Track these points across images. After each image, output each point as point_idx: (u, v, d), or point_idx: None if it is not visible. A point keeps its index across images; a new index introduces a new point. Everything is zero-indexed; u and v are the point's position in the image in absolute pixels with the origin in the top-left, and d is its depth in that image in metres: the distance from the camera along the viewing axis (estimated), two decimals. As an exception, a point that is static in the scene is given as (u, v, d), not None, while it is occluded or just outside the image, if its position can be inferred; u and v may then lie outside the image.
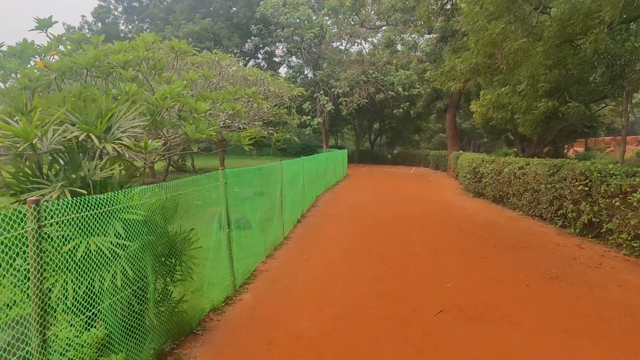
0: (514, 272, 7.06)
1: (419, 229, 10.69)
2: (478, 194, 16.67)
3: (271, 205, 9.46)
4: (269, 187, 9.80)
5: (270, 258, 8.01)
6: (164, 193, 4.41)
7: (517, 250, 8.54)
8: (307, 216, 12.71)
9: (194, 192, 5.24)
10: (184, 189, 4.92)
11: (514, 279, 6.71)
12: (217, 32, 39.40)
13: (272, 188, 10.04)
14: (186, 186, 5.02)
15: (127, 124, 4.46)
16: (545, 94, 14.50)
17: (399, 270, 7.23)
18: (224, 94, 11.60)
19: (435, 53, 23.02)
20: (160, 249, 4.32)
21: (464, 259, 7.92)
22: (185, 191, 4.94)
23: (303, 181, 12.87)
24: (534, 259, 7.85)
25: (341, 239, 9.61)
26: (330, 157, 21.51)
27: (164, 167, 22.88)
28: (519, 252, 8.41)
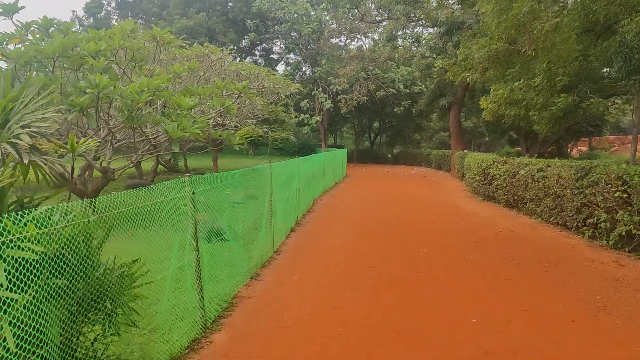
0: (550, 300, 5.79)
1: (429, 240, 9.41)
2: (488, 197, 15.40)
3: (258, 215, 8.19)
4: (255, 193, 8.54)
5: (255, 279, 6.73)
6: (90, 214, 3.12)
7: (546, 268, 7.27)
8: (302, 223, 11.43)
9: (146, 209, 3.95)
10: (128, 206, 3.64)
11: (552, 311, 5.44)
12: (211, 28, 38.07)
13: (259, 194, 8.79)
14: (133, 201, 3.74)
15: (31, 116, 3.16)
16: (563, 89, 13.27)
17: (411, 298, 5.95)
18: (211, 89, 10.30)
19: (440, 47, 21.75)
20: (83, 293, 3.04)
21: (486, 281, 6.64)
22: (129, 209, 3.65)
23: (298, 184, 11.60)
24: (569, 281, 6.58)
25: (340, 254, 8.33)
26: (329, 157, 20.23)
27: (152, 167, 21.60)
28: (549, 271, 7.14)
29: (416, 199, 16.26)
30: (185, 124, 7.83)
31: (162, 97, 8.63)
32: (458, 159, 24.88)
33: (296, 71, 41.26)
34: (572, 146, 51.51)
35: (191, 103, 8.32)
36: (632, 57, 12.14)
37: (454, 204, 15.03)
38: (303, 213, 12.63)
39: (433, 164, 36.15)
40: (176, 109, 8.47)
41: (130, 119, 7.64)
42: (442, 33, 21.22)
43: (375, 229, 10.68)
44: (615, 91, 20.14)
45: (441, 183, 23.08)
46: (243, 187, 7.63)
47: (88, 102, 6.60)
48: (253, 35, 36.92)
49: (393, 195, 17.53)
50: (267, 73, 20.15)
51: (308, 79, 39.32)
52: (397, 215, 12.68)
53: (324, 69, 35.67)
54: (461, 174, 24.29)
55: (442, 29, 21.11)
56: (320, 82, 36.36)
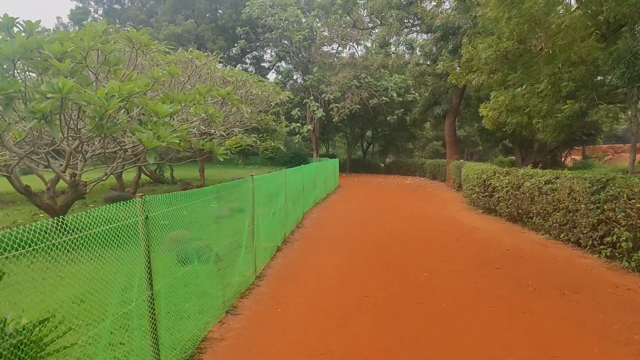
0: (580, 342, 4.85)
1: (429, 260, 8.47)
2: (489, 210, 14.53)
3: (238, 235, 7.22)
4: (241, 206, 7.59)
5: (231, 313, 5.74)
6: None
7: (567, 297, 6.35)
8: (290, 241, 10.45)
9: (68, 244, 2.96)
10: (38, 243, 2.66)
11: (586, 355, 4.51)
12: (200, 35, 37.19)
13: (246, 207, 7.85)
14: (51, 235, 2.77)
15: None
16: (568, 95, 12.46)
17: (415, 338, 4.99)
18: (193, 95, 9.34)
19: (435, 53, 20.98)
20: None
21: (500, 314, 5.70)
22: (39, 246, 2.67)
23: (285, 198, 10.64)
24: (596, 314, 5.66)
25: (331, 279, 7.36)
26: (320, 167, 19.30)
27: (134, 179, 20.54)
28: (570, 300, 6.21)
29: (412, 212, 15.34)
30: (162, 132, 6.89)
31: (138, 104, 7.70)
32: (454, 168, 24.06)
33: (287, 79, 40.46)
34: (565, 155, 51.14)
35: (169, 110, 7.37)
36: (635, 63, 11.40)
37: (452, 217, 14.12)
38: (291, 229, 11.67)
39: (427, 173, 35.35)
40: (153, 117, 7.56)
41: (100, 127, 6.70)
42: (438, 38, 20.47)
43: (370, 247, 9.72)
44: (612, 99, 19.48)
45: (437, 194, 22.21)
46: (221, 202, 6.67)
47: (50, 109, 5.69)
48: (243, 43, 36.08)
49: (388, 208, 16.61)
50: (255, 80, 19.23)
51: (299, 88, 38.52)
52: (393, 231, 11.75)
53: (315, 77, 34.88)
54: (457, 184, 23.46)
55: (438, 34, 20.36)
56: (312, 91, 35.55)
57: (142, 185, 26.41)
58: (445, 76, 26.09)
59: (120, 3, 47.22)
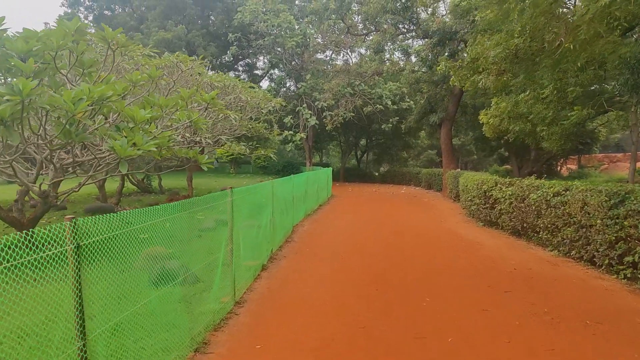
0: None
1: (430, 282, 7.62)
2: (490, 223, 13.72)
3: (217, 256, 6.36)
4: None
5: (200, 352, 4.85)
6: None
7: (591, 329, 5.51)
8: (277, 258, 9.57)
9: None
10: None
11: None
12: (191, 41, 36.41)
13: (223, 228, 7.01)
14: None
15: None
16: (574, 102, 11.73)
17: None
18: (175, 100, 8.46)
19: (431, 59, 20.29)
20: None
21: (520, 353, 4.85)
22: None
23: (273, 212, 9.77)
24: (630, 352, 4.83)
25: (321, 304, 6.48)
26: (312, 177, 18.45)
27: (117, 189, 19.57)
28: (596, 333, 5.38)
29: (410, 225, 14.51)
30: (138, 139, 6.05)
31: (115, 110, 6.86)
32: (451, 178, 23.32)
33: (280, 87, 39.73)
34: (561, 164, 50.70)
35: (146, 116, 6.54)
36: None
37: (452, 231, 13.30)
38: (280, 244, 10.79)
39: (423, 183, 34.60)
40: (129, 122, 6.74)
41: (67, 134, 5.86)
42: (434, 44, 19.79)
43: (365, 266, 8.86)
44: (610, 107, 18.83)
45: (434, 205, 21.41)
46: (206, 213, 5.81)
47: (10, 113, 4.87)
48: (234, 49, 35.31)
49: (383, 220, 15.76)
50: (245, 86, 18.41)
51: (292, 95, 37.77)
52: (390, 247, 10.89)
53: (308, 85, 34.15)
54: (454, 195, 22.70)
55: (434, 39, 19.69)
56: (305, 98, 34.80)
57: (128, 195, 25.50)
58: (442, 83, 25.45)
59: (111, 9, 46.46)
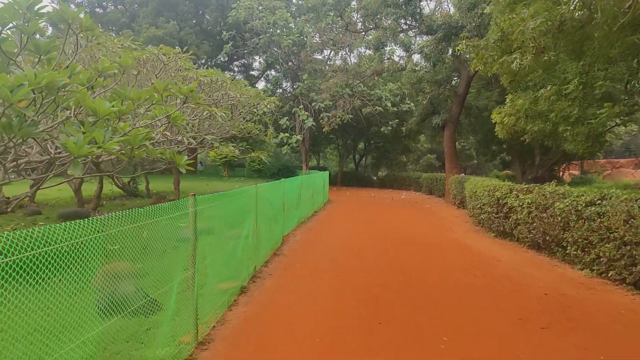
0: None
1: (448, 314, 6.16)
2: (503, 234, 12.31)
3: (187, 275, 4.94)
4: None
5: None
6: None
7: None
8: (261, 276, 8.13)
9: None
10: None
11: None
12: (183, 39, 35.00)
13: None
14: None
15: None
16: (604, 98, 10.35)
17: None
18: (148, 92, 6.95)
19: (436, 55, 18.92)
20: None
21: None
22: None
23: (256, 222, 8.34)
24: None
25: (310, 345, 5.05)
26: (307, 181, 17.01)
27: (95, 192, 18.08)
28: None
29: (413, 235, 13.09)
30: (98, 136, 4.63)
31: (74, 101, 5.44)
32: (455, 183, 21.91)
33: (276, 87, 38.33)
34: (563, 170, 49.49)
35: (110, 109, 5.13)
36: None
37: (462, 243, 11.88)
38: (266, 259, 9.34)
39: (423, 188, 33.19)
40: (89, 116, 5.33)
41: (7, 128, 4.44)
42: (439, 39, 18.42)
43: (365, 289, 7.41)
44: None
45: (437, 212, 19.99)
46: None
47: None
48: (229, 47, 33.88)
49: (384, 229, 14.33)
50: (234, 82, 16.96)
51: (289, 97, 36.38)
52: (393, 263, 9.45)
53: (305, 85, 32.74)
54: (458, 201, 21.29)
55: (439, 34, 18.32)
56: (302, 99, 33.39)
57: (113, 198, 24.09)
58: (445, 83, 24.11)
59: (103, 7, 45.11)
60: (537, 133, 11.97)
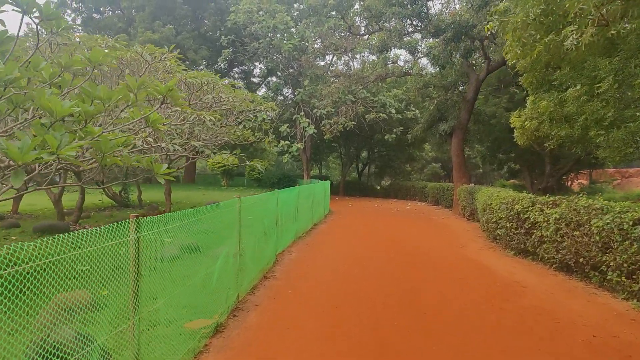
0: None
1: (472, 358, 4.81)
2: (524, 252, 10.93)
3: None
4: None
5: None
6: None
7: None
8: (244, 307, 6.77)
9: None
10: None
11: None
12: (181, 43, 33.89)
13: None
14: None
15: None
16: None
17: None
18: (121, 91, 5.58)
19: (445, 57, 17.66)
20: None
21: None
22: None
23: (240, 244, 7.01)
24: None
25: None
26: (305, 192, 15.67)
27: (77, 204, 16.75)
28: None
29: (422, 252, 11.73)
30: (50, 140, 3.36)
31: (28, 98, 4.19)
32: (464, 194, 20.55)
33: (276, 94, 37.15)
34: (571, 180, 48.08)
35: (69, 108, 3.86)
36: None
37: (477, 262, 10.50)
38: (253, 283, 7.99)
39: (429, 198, 31.81)
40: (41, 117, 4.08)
41: None
42: (448, 39, 17.16)
43: (370, 331, 6.04)
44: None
45: (446, 224, 18.60)
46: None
47: None
48: (228, 52, 32.73)
49: (390, 246, 12.97)
50: (227, 85, 15.66)
51: (290, 104, 35.18)
52: (402, 291, 8.07)
53: (306, 91, 31.53)
54: (468, 213, 19.93)
55: (448, 34, 17.07)
56: (303, 106, 32.16)
57: (103, 209, 22.85)
58: (453, 87, 22.80)
59: (100, 12, 44.22)
60: (564, 139, 10.60)
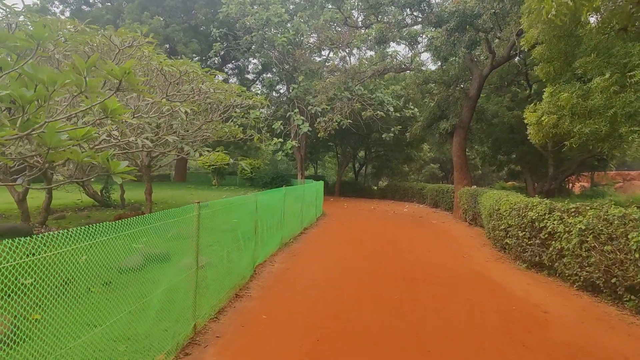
0: None
1: None
2: (539, 266, 9.57)
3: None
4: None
5: None
6: None
7: None
8: (201, 343, 5.36)
9: None
10: None
11: None
12: (170, 36, 32.44)
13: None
14: None
15: None
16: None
17: None
18: (68, 74, 4.07)
19: (448, 48, 16.27)
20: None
21: None
22: None
23: (197, 261, 5.62)
24: None
25: None
26: (292, 194, 14.25)
27: (43, 204, 15.29)
28: None
29: (422, 264, 10.35)
30: None
31: None
32: (466, 196, 19.19)
33: (270, 90, 35.71)
34: (573, 182, 47.02)
35: None
36: None
37: (486, 277, 9.13)
38: (220, 305, 6.59)
39: (428, 200, 30.46)
40: None
41: None
42: (451, 29, 15.78)
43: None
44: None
45: (447, 230, 17.23)
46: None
47: None
48: (219, 46, 31.28)
49: (386, 254, 11.60)
50: (208, 75, 14.16)
51: (284, 100, 33.77)
52: (402, 316, 6.69)
53: (301, 87, 30.13)
54: (470, 217, 18.57)
55: (452, 24, 15.69)
56: (297, 103, 30.76)
57: (82, 209, 21.46)
58: (455, 83, 21.43)
59: (89, 4, 42.75)
60: (589, 136, 9.23)
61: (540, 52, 8.96)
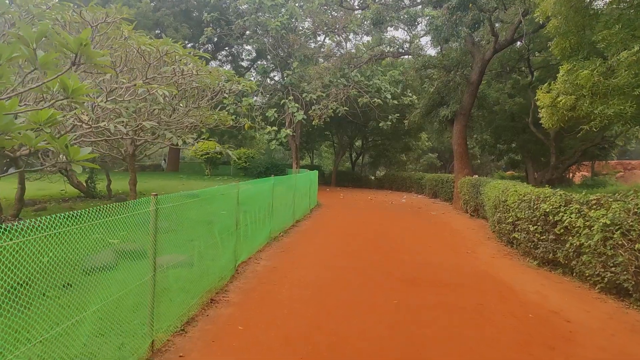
0: None
1: None
2: (553, 264, 8.65)
3: None
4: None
5: None
6: None
7: None
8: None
9: None
10: None
11: None
12: (160, 20, 31.19)
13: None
14: None
15: None
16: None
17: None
18: (14, 47, 2.78)
19: (449, 29, 15.20)
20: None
21: None
22: None
23: (154, 268, 4.66)
24: None
25: None
26: (283, 185, 13.25)
27: (16, 195, 14.26)
28: None
29: (423, 260, 9.42)
30: None
31: None
32: (467, 187, 18.25)
33: (264, 77, 34.53)
34: (574, 171, 46.21)
35: None
36: None
37: (494, 277, 8.20)
38: (189, 314, 5.64)
39: (426, 190, 29.55)
40: None
41: None
42: (453, 8, 14.70)
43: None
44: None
45: (447, 222, 16.29)
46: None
47: None
48: (210, 30, 30.05)
49: (383, 250, 10.66)
50: (192, 57, 13.02)
51: (279, 88, 32.61)
52: (401, 327, 5.76)
53: (295, 74, 29.00)
54: (472, 208, 17.66)
55: (453, 2, 14.61)
56: (292, 90, 29.64)
57: (66, 200, 20.44)
58: (456, 68, 20.38)
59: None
60: (612, 118, 8.20)
61: (556, 25, 7.97)
